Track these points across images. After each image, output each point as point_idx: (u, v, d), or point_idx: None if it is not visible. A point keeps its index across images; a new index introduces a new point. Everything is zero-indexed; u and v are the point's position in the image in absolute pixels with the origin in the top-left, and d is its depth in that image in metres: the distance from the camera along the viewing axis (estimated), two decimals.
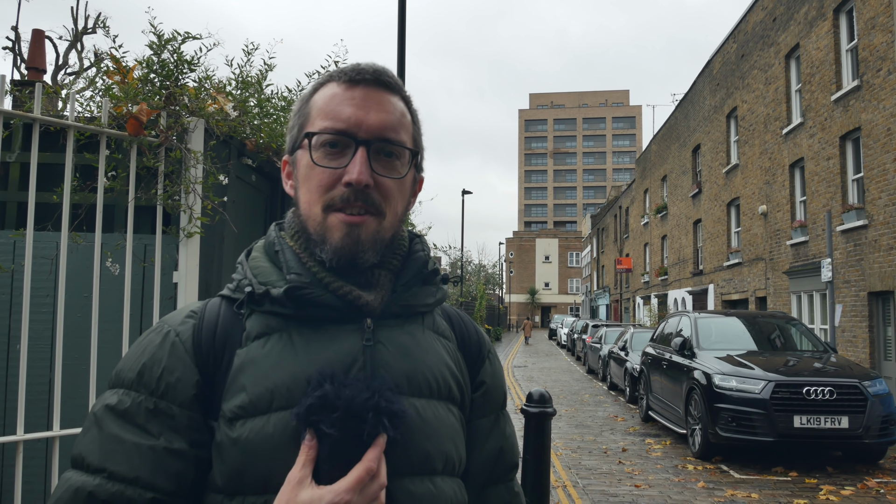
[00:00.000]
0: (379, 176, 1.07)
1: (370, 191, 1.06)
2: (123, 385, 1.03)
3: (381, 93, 1.10)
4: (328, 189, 1.07)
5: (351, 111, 1.07)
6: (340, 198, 1.06)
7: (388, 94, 1.11)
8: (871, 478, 8.02)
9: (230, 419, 1.01)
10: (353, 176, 1.04)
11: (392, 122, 1.09)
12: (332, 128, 1.07)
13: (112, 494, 0.96)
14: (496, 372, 1.26)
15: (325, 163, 1.07)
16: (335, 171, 1.06)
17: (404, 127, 1.12)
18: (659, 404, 11.39)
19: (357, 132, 1.06)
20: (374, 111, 1.08)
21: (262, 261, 1.13)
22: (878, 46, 13.68)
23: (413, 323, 1.15)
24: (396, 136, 1.09)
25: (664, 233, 32.74)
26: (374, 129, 1.07)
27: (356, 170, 1.04)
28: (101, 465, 0.97)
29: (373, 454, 0.95)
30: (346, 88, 1.09)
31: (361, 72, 1.09)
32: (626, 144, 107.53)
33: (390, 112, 1.09)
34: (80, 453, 0.99)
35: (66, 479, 0.98)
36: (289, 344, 1.05)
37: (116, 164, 2.98)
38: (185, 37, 3.14)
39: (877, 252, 13.65)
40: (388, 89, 1.11)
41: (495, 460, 1.21)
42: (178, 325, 1.08)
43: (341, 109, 1.07)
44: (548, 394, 4.21)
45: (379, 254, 1.09)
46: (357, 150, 1.06)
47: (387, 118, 1.08)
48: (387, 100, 1.10)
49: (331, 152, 1.07)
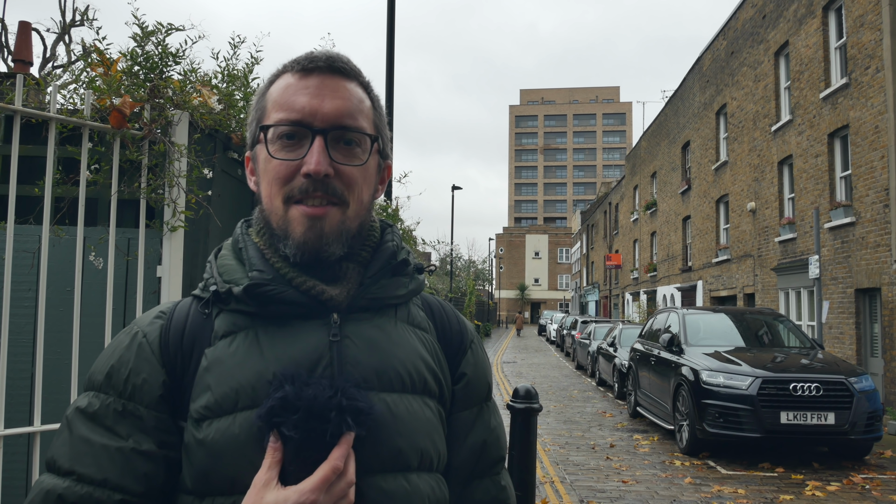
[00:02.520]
0: (339, 165, 1.05)
1: (331, 180, 1.04)
2: (94, 387, 1.03)
3: (337, 79, 1.08)
4: (287, 181, 1.05)
5: (305, 100, 1.05)
6: (299, 189, 1.04)
7: (343, 81, 1.08)
8: (857, 474, 8.08)
9: (197, 420, 1.00)
10: (311, 166, 1.02)
11: (349, 109, 1.07)
12: (287, 119, 1.05)
13: (81, 497, 0.95)
14: (479, 363, 1.23)
15: (283, 155, 1.05)
16: (293, 163, 1.04)
17: (363, 113, 1.09)
18: (647, 400, 11.43)
19: (312, 121, 1.04)
20: (329, 98, 1.05)
21: (228, 259, 1.11)
22: (867, 44, 13.75)
23: (384, 316, 1.12)
24: (354, 122, 1.07)
25: (653, 229, 32.84)
26: (330, 117, 1.05)
27: (314, 160, 1.02)
28: (70, 468, 0.97)
29: (339, 452, 0.94)
30: (300, 77, 1.07)
31: (314, 59, 1.07)
32: (616, 141, 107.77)
33: (346, 98, 1.07)
34: (52, 456, 0.99)
35: (40, 482, 0.99)
36: (254, 342, 1.03)
37: (99, 157, 2.95)
38: (169, 28, 3.11)
39: (864, 249, 13.73)
40: (343, 75, 1.09)
41: (479, 454, 1.18)
42: (146, 326, 1.07)
43: (295, 99, 1.05)
44: (534, 389, 4.22)
45: (346, 245, 1.07)
46: (314, 140, 1.04)
47: (343, 105, 1.06)
48: (342, 86, 1.08)
49: (288, 144, 1.05)
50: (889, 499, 7.02)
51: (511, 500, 1.24)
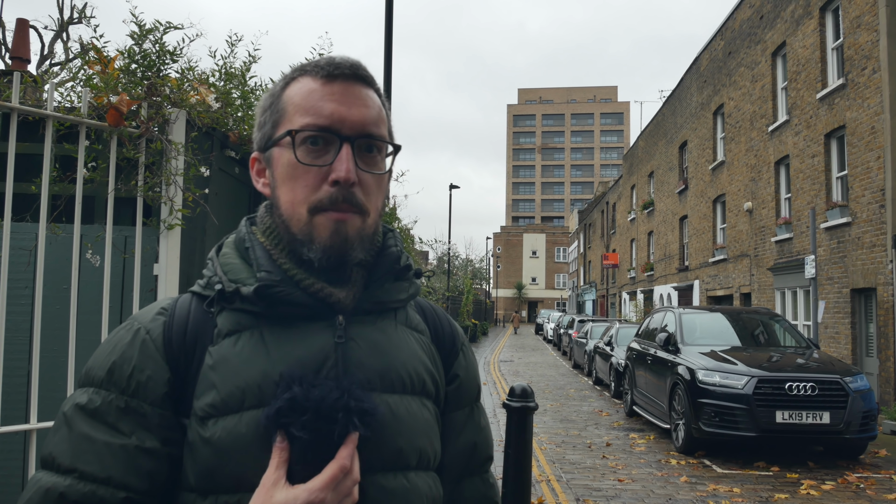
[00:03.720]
0: (362, 172, 1.06)
1: (354, 189, 1.04)
2: (93, 384, 1.02)
3: (360, 87, 1.08)
4: (314, 190, 1.04)
5: (333, 107, 1.05)
6: (329, 199, 1.04)
7: (365, 89, 1.09)
8: (852, 473, 8.10)
9: (202, 418, 0.99)
10: (342, 174, 1.02)
11: (373, 118, 1.07)
12: (315, 124, 1.04)
13: (84, 495, 0.94)
14: (470, 365, 1.26)
15: (310, 160, 1.05)
16: (320, 170, 1.04)
17: (383, 121, 1.10)
18: (643, 399, 11.45)
19: (341, 128, 1.04)
20: (355, 106, 1.06)
21: (232, 257, 1.11)
22: (864, 45, 13.78)
23: (386, 318, 1.14)
24: (378, 130, 1.08)
25: (650, 229, 32.87)
26: (358, 124, 1.05)
27: (343, 167, 1.03)
28: (71, 466, 0.96)
29: (346, 452, 0.95)
30: (324, 83, 1.06)
31: (339, 66, 1.07)
32: (613, 140, 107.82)
33: (371, 107, 1.08)
34: (51, 453, 0.98)
35: (37, 479, 0.96)
36: (260, 342, 1.04)
37: (96, 154, 2.95)
38: (167, 27, 3.11)
39: (860, 249, 13.77)
40: (365, 83, 1.09)
41: (470, 453, 1.22)
42: (148, 322, 1.07)
43: (322, 105, 1.05)
44: (530, 388, 4.23)
45: (364, 250, 1.08)
46: (342, 147, 1.04)
47: (368, 113, 1.07)
48: (366, 94, 1.08)
49: (313, 150, 1.05)
50: (883, 498, 7.04)
51: (498, 498, 1.29)
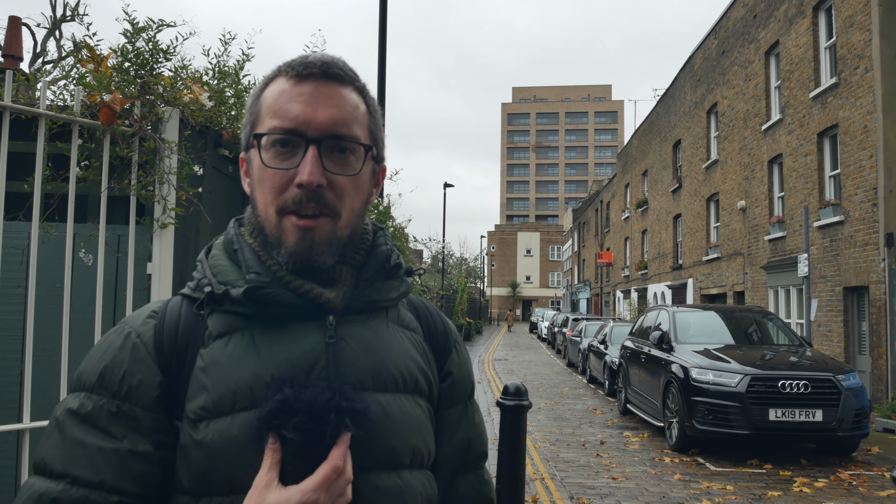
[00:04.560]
0: (332, 174, 1.05)
1: (323, 190, 1.03)
2: (85, 388, 1.01)
3: (332, 86, 1.06)
4: (281, 191, 1.04)
5: (299, 108, 1.04)
6: (293, 200, 1.03)
7: (338, 87, 1.07)
8: (844, 470, 8.14)
9: (194, 420, 0.99)
10: (304, 177, 1.02)
11: (343, 118, 1.06)
12: (281, 127, 1.04)
13: (77, 500, 0.94)
14: (463, 361, 1.26)
15: (276, 164, 1.04)
16: (287, 172, 1.04)
17: (357, 120, 1.08)
18: (637, 397, 11.48)
19: (306, 130, 1.03)
20: (323, 107, 1.04)
21: (221, 259, 1.11)
22: (856, 44, 13.83)
23: (377, 318, 1.14)
24: (348, 131, 1.06)
25: (644, 227, 32.94)
26: (325, 126, 1.04)
27: (307, 170, 1.02)
28: (64, 471, 0.95)
29: (338, 452, 0.95)
30: (295, 84, 1.06)
31: (309, 65, 1.06)
32: (607, 139, 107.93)
33: (341, 106, 1.06)
34: (43, 459, 0.97)
35: (29, 485, 0.96)
36: (251, 343, 1.04)
37: (89, 153, 2.94)
38: (160, 25, 3.10)
39: (852, 248, 13.83)
40: (338, 81, 1.07)
41: (465, 450, 1.22)
42: (138, 325, 1.06)
43: (289, 107, 1.04)
44: (524, 387, 4.23)
45: (336, 254, 1.08)
46: (307, 150, 1.03)
47: (337, 113, 1.05)
48: (337, 93, 1.07)
49: (281, 152, 1.05)
50: (875, 495, 7.08)
51: (493, 493, 1.28)
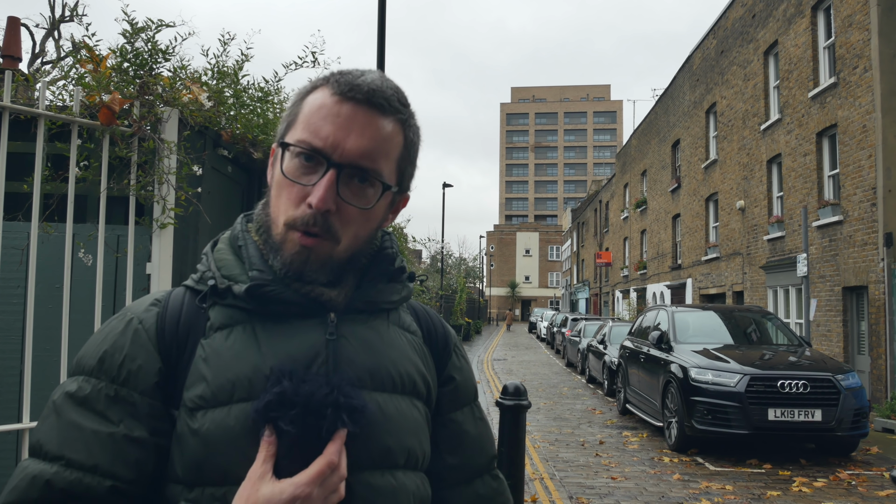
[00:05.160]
0: (344, 202, 1.05)
1: (330, 216, 1.04)
2: (84, 372, 1.02)
3: (371, 115, 1.05)
4: (294, 205, 1.05)
5: (331, 130, 1.03)
6: (301, 220, 1.04)
7: (378, 117, 1.06)
8: (843, 470, 8.14)
9: (191, 409, 1.00)
10: (314, 200, 1.02)
11: (371, 150, 1.05)
12: (308, 143, 1.04)
13: (70, 482, 0.94)
14: (464, 365, 1.27)
15: (296, 177, 1.05)
16: (303, 189, 1.04)
17: (386, 155, 1.08)
18: (636, 397, 11.48)
19: (332, 154, 1.03)
20: (355, 135, 1.04)
21: (226, 253, 1.12)
22: (855, 44, 13.84)
23: (378, 318, 1.15)
24: (372, 164, 1.05)
25: (643, 227, 32.95)
26: (351, 154, 1.03)
27: (319, 195, 1.02)
28: (59, 453, 0.95)
29: (333, 448, 0.96)
30: (336, 101, 1.05)
31: (356, 87, 1.04)
32: (606, 139, 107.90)
33: (372, 138, 1.05)
34: (39, 441, 0.97)
35: (24, 467, 0.96)
36: (252, 337, 1.04)
37: (89, 153, 2.94)
38: (159, 25, 3.10)
39: (851, 247, 13.83)
40: (379, 111, 1.06)
41: (479, 451, 1.23)
42: (141, 312, 1.07)
43: (322, 126, 1.04)
44: (523, 386, 4.23)
45: (331, 274, 1.08)
46: (326, 172, 1.03)
47: (367, 145, 1.04)
48: (374, 123, 1.05)
49: (304, 165, 1.05)
50: (875, 495, 7.09)
51: (508, 491, 1.30)
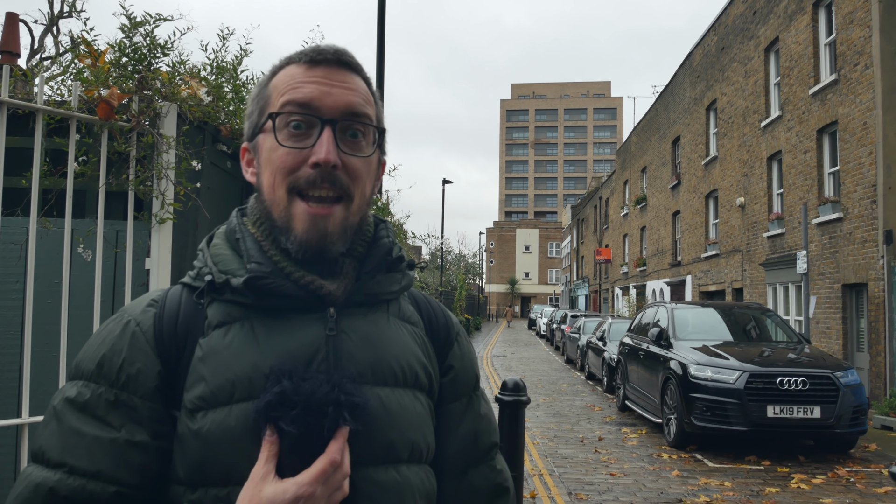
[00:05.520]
0: (346, 155, 1.05)
1: (338, 172, 1.03)
2: (83, 377, 1.01)
3: (344, 72, 1.08)
4: (293, 170, 1.04)
5: (313, 88, 1.05)
6: (306, 179, 1.03)
7: (350, 74, 1.09)
8: (842, 467, 8.15)
9: (191, 410, 0.99)
10: (321, 155, 1.02)
11: (357, 101, 1.07)
12: (295, 100, 1.05)
13: (74, 490, 0.93)
14: (465, 354, 1.25)
15: (291, 143, 1.04)
16: (301, 152, 1.04)
17: (369, 104, 1.10)
18: (635, 394, 11.49)
19: (321, 108, 1.04)
20: (337, 88, 1.06)
21: (223, 248, 1.10)
22: (856, 41, 13.81)
23: (377, 311, 1.14)
24: (363, 111, 1.08)
25: (643, 224, 32.94)
26: (340, 107, 1.05)
27: (324, 149, 1.02)
28: (61, 460, 0.95)
29: (336, 446, 0.95)
30: (307, 69, 1.07)
31: (322, 52, 1.08)
32: (606, 136, 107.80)
33: (354, 90, 1.08)
34: (41, 447, 0.97)
35: (27, 474, 0.95)
36: (250, 334, 1.03)
37: (87, 148, 2.94)
38: (157, 19, 3.10)
39: (851, 245, 13.83)
40: (349, 69, 1.09)
41: (472, 443, 1.21)
42: (138, 314, 1.06)
43: (303, 88, 1.05)
44: (522, 382, 4.23)
45: (348, 242, 1.07)
46: (323, 130, 1.04)
47: (351, 96, 1.07)
48: (349, 78, 1.08)
49: (295, 133, 1.05)
50: (873, 491, 7.10)
51: (508, 481, 1.27)
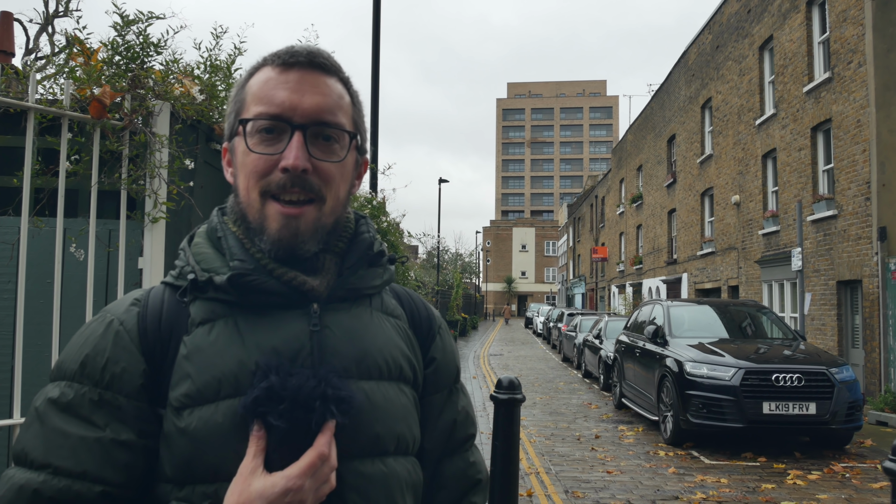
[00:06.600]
0: (317, 161, 1.05)
1: (309, 176, 1.04)
2: (65, 377, 1.00)
3: (317, 75, 1.08)
4: (264, 175, 1.05)
5: (285, 95, 1.05)
6: (277, 184, 1.04)
7: (323, 77, 1.09)
8: (838, 463, 8.18)
9: (177, 408, 0.99)
10: (290, 161, 1.02)
11: (328, 105, 1.07)
12: (266, 113, 1.05)
13: (59, 490, 0.93)
14: (447, 347, 1.26)
15: (261, 149, 1.05)
16: (271, 158, 1.05)
17: (342, 109, 1.10)
18: (632, 392, 11.50)
19: (292, 116, 1.05)
20: (309, 94, 1.06)
21: (204, 247, 1.11)
22: (850, 39, 13.84)
23: (360, 305, 1.14)
24: (334, 118, 1.07)
25: (639, 222, 32.97)
26: (310, 112, 1.05)
27: (292, 155, 1.03)
28: (45, 461, 0.94)
29: (323, 439, 0.96)
30: (281, 72, 1.07)
31: (295, 54, 1.07)
32: (602, 134, 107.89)
33: (326, 94, 1.08)
34: (23, 449, 0.96)
35: (9, 476, 0.94)
36: (234, 331, 1.03)
37: (79, 147, 2.92)
38: (150, 17, 3.08)
39: (846, 242, 13.87)
40: (323, 71, 1.09)
41: (449, 434, 1.22)
42: (121, 313, 1.06)
43: (275, 94, 1.05)
44: (517, 380, 4.23)
45: (321, 242, 1.08)
46: (293, 135, 1.04)
47: (323, 101, 1.07)
48: (323, 82, 1.08)
49: (267, 138, 1.05)
50: (868, 487, 7.11)
51: (481, 473, 1.28)
